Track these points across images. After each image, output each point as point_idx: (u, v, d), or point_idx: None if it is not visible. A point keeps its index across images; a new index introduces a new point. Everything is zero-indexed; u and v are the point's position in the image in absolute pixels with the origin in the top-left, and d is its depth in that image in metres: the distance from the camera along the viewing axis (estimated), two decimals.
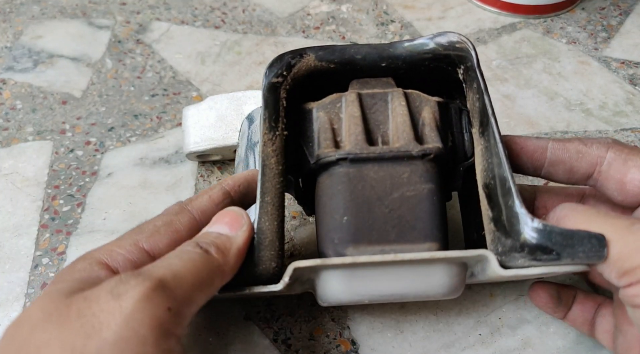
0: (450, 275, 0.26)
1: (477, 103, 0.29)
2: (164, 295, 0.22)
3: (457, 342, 0.32)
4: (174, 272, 0.23)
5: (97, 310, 0.21)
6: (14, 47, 0.51)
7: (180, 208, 0.28)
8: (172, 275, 0.23)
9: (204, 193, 0.29)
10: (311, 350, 0.32)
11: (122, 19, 0.55)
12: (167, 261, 0.24)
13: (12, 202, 0.40)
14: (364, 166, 0.28)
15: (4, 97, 0.47)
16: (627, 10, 0.56)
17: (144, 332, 0.20)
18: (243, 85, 0.48)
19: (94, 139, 0.44)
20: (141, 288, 0.21)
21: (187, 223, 0.27)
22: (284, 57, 0.30)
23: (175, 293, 0.22)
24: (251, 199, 0.30)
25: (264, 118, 0.29)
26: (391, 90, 0.30)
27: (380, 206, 0.27)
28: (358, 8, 0.56)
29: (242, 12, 0.56)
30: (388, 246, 0.26)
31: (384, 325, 0.33)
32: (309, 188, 0.31)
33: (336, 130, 0.29)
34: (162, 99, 0.47)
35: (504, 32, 0.54)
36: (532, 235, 0.24)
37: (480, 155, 0.29)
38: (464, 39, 0.30)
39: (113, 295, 0.21)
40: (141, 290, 0.21)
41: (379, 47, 0.31)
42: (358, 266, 0.26)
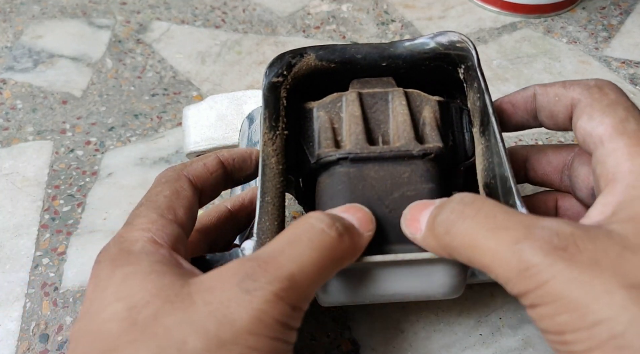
0: (451, 275, 0.26)
1: (477, 102, 0.29)
2: (292, 295, 0.21)
3: (458, 342, 0.32)
4: (302, 267, 0.21)
5: (226, 300, 0.20)
6: (14, 46, 0.51)
7: (177, 174, 0.26)
8: (301, 270, 0.21)
9: (199, 160, 0.28)
10: (312, 350, 0.32)
11: (123, 19, 0.54)
12: (298, 250, 0.22)
13: (13, 202, 0.40)
14: (364, 166, 0.28)
15: (4, 97, 0.47)
16: (627, 10, 0.56)
17: (272, 328, 0.20)
18: (243, 84, 0.48)
19: (94, 139, 0.44)
20: (272, 288, 0.20)
21: (190, 188, 0.26)
22: (284, 56, 0.30)
23: (301, 291, 0.21)
24: (244, 176, 0.29)
25: (264, 117, 0.29)
26: (392, 90, 0.30)
27: (380, 206, 0.27)
28: (358, 7, 0.56)
29: (242, 12, 0.56)
30: (388, 246, 0.26)
31: (385, 325, 0.33)
32: (310, 188, 0.31)
33: (336, 130, 0.29)
34: (163, 99, 0.47)
35: (504, 32, 0.54)
36: None
37: (481, 154, 0.29)
38: (464, 38, 0.30)
39: (242, 289, 0.20)
40: (272, 290, 0.20)
41: (380, 46, 0.31)
42: (358, 267, 0.26)
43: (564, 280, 0.19)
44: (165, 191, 0.25)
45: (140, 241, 0.23)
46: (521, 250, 0.20)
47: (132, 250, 0.22)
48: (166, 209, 0.24)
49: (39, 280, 0.35)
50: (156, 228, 0.23)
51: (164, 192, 0.25)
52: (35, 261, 0.36)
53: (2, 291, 0.35)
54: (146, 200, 0.25)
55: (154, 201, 0.25)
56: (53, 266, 0.36)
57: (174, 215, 0.24)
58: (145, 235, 0.23)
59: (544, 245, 0.19)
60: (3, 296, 0.35)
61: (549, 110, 0.27)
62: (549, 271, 0.19)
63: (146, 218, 0.24)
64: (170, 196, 0.25)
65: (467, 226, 0.22)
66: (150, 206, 0.25)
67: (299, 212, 0.39)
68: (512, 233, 0.20)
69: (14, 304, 0.34)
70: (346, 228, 0.23)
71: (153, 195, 0.25)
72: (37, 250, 0.37)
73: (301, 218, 0.23)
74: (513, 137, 0.44)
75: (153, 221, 0.24)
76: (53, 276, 0.36)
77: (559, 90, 0.27)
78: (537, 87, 0.28)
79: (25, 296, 0.35)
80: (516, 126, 0.30)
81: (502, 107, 0.29)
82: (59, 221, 0.38)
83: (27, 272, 0.36)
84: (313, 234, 0.22)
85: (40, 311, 0.34)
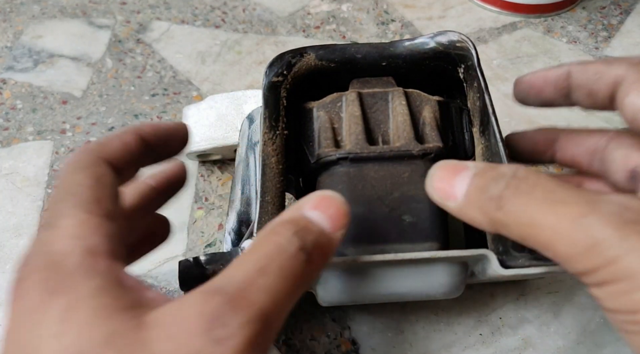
0: (451, 275, 0.26)
1: (477, 102, 0.29)
2: (266, 336, 0.18)
3: (458, 342, 0.32)
4: (275, 300, 0.19)
5: (191, 350, 0.17)
6: (14, 46, 0.51)
7: (94, 158, 0.22)
8: (274, 304, 0.18)
9: (115, 137, 0.23)
10: (312, 350, 0.32)
11: (123, 19, 0.54)
12: (269, 281, 0.19)
13: (13, 202, 0.40)
14: (364, 165, 0.28)
15: (4, 97, 0.47)
16: (627, 10, 0.56)
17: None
18: (243, 84, 0.48)
19: (94, 139, 0.44)
20: (246, 334, 0.17)
21: (111, 173, 0.22)
22: (284, 56, 0.30)
23: (274, 329, 0.19)
24: (169, 151, 0.26)
25: (264, 117, 0.29)
26: (392, 90, 0.30)
27: (380, 205, 0.27)
28: (358, 7, 0.56)
29: (242, 12, 0.56)
30: (388, 246, 0.26)
31: (385, 325, 0.33)
32: (310, 188, 0.31)
33: (336, 130, 0.29)
34: (163, 99, 0.47)
35: (504, 31, 0.54)
36: None
37: (480, 154, 0.29)
38: (464, 38, 0.30)
39: (211, 339, 0.17)
40: (246, 336, 0.17)
41: (380, 46, 0.31)
42: (358, 266, 0.26)
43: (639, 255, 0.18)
44: (85, 180, 0.21)
45: (73, 254, 0.19)
46: (588, 224, 0.18)
47: (64, 267, 0.18)
48: (93, 203, 0.20)
49: None
50: (89, 232, 0.19)
51: (84, 182, 0.21)
52: None
53: (2, 291, 0.35)
54: (65, 194, 0.21)
55: (76, 195, 0.20)
56: None
57: (104, 209, 0.20)
58: (77, 244, 0.19)
59: (614, 218, 0.18)
60: (3, 296, 0.35)
61: (587, 88, 0.26)
62: (622, 246, 0.18)
63: (74, 219, 0.20)
64: (93, 186, 0.21)
65: (523, 202, 0.20)
66: (73, 202, 0.20)
67: None
68: (575, 208, 0.19)
69: None
70: (316, 245, 0.20)
71: (72, 187, 0.21)
72: None
73: (268, 232, 0.20)
74: None
75: (83, 223, 0.20)
76: None
77: (600, 67, 0.25)
78: (573, 65, 0.27)
79: None
80: (543, 102, 0.29)
81: (533, 81, 0.28)
82: None
83: None
84: (283, 260, 0.19)
85: None
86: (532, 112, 0.46)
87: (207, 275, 0.26)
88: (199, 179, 0.41)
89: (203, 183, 0.41)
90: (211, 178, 0.41)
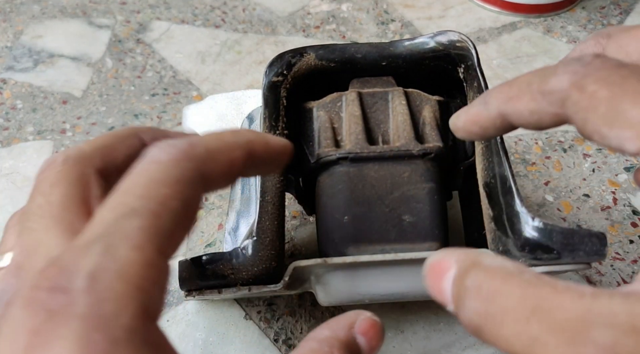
0: None
1: None
2: None
3: (458, 342, 0.32)
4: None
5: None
6: (14, 46, 0.51)
7: (193, 176, 0.16)
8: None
9: (221, 153, 0.18)
10: None
11: (123, 19, 0.54)
12: None
13: (13, 202, 0.40)
14: (364, 165, 0.28)
15: (5, 97, 0.47)
16: (627, 10, 0.56)
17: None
18: (243, 84, 0.48)
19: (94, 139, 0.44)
20: None
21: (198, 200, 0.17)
22: (284, 56, 0.30)
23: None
24: (271, 170, 0.22)
25: (264, 117, 0.29)
26: (391, 89, 0.30)
27: (380, 205, 0.27)
28: (358, 7, 0.56)
29: (242, 12, 0.56)
30: (388, 246, 0.26)
31: (385, 325, 0.33)
32: (310, 188, 0.31)
33: (336, 129, 0.29)
34: (163, 99, 0.47)
35: (504, 31, 0.54)
36: (533, 234, 0.24)
37: (480, 154, 0.29)
38: (464, 38, 0.30)
39: None
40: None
41: (379, 46, 0.31)
42: (358, 266, 0.26)
43: None
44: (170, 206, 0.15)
45: (125, 316, 0.14)
46: None
47: (115, 333, 0.13)
48: (168, 239, 0.15)
49: None
50: (150, 285, 0.14)
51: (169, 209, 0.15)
52: None
53: None
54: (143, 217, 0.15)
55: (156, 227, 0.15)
56: None
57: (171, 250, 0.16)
58: (132, 305, 0.14)
59: None
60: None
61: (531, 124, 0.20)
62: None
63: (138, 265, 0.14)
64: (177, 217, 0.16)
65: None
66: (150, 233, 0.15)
67: (299, 212, 0.39)
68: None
69: None
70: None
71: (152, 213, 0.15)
72: None
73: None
74: (513, 137, 0.44)
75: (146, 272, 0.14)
76: None
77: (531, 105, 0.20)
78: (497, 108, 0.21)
79: None
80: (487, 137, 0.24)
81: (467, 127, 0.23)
82: None
83: None
84: None
85: None
86: None
87: (207, 275, 0.26)
88: None
89: None
90: None
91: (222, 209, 0.39)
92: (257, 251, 0.27)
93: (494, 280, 0.15)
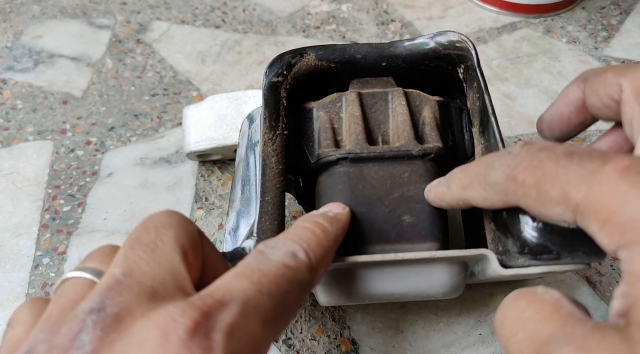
0: (451, 275, 0.26)
1: (477, 102, 0.29)
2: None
3: (458, 341, 0.32)
4: None
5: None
6: (14, 46, 0.51)
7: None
8: None
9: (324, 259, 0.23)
10: (312, 350, 0.32)
11: (123, 19, 0.55)
12: None
13: (13, 202, 0.40)
14: (364, 165, 0.28)
15: (5, 97, 0.47)
16: (627, 10, 0.56)
17: None
18: (243, 84, 0.48)
19: (94, 139, 0.44)
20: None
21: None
22: (284, 56, 0.30)
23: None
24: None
25: (264, 117, 0.29)
26: (391, 90, 0.30)
27: (380, 205, 0.27)
28: (358, 7, 0.56)
29: (242, 12, 0.56)
30: (388, 246, 0.26)
31: (384, 325, 0.33)
32: (310, 188, 0.31)
33: (336, 130, 0.29)
34: (163, 99, 0.47)
35: (504, 32, 0.54)
36: (533, 234, 0.24)
37: (480, 154, 0.29)
38: (464, 38, 0.30)
39: None
40: None
41: (379, 46, 0.31)
42: (358, 266, 0.26)
43: None
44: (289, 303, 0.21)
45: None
46: None
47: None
48: (282, 326, 0.21)
49: (40, 280, 0.35)
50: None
51: (288, 305, 0.20)
52: (35, 261, 0.36)
53: (2, 291, 0.35)
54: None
55: (279, 312, 0.20)
56: (53, 266, 0.36)
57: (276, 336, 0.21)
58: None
59: None
60: (3, 296, 0.35)
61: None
62: None
63: (261, 338, 0.19)
64: (293, 314, 0.21)
65: None
66: (274, 315, 0.20)
67: (299, 212, 0.39)
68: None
69: (15, 304, 0.34)
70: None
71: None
72: (37, 249, 0.37)
73: None
74: (512, 137, 0.44)
75: (265, 348, 0.19)
76: (53, 276, 0.36)
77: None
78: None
79: (26, 296, 0.35)
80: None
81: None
82: (59, 221, 0.38)
83: (28, 272, 0.36)
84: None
85: None
86: (532, 112, 0.46)
87: None
88: (199, 179, 0.41)
89: (203, 183, 0.41)
90: (211, 178, 0.41)
91: (222, 209, 0.39)
92: None
93: None
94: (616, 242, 0.17)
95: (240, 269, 0.20)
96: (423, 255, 0.25)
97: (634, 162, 0.17)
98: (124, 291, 0.18)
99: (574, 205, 0.18)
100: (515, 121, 0.45)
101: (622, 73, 0.23)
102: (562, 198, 0.18)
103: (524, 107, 0.46)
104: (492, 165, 0.21)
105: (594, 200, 0.17)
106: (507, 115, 0.45)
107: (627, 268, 0.16)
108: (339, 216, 0.25)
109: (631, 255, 0.16)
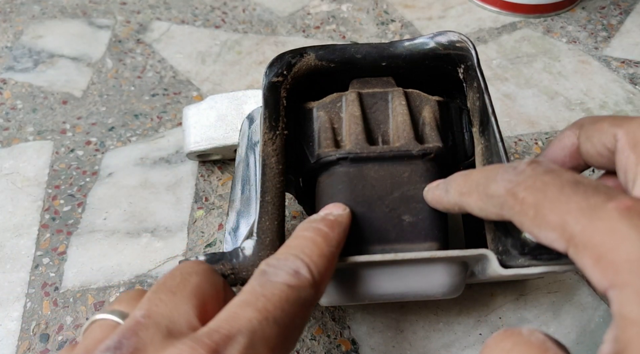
0: (451, 275, 0.26)
1: (477, 102, 0.29)
2: None
3: (457, 341, 0.32)
4: None
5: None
6: (14, 46, 0.51)
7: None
8: None
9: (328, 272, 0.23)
10: (312, 350, 0.32)
11: (123, 19, 0.55)
12: None
13: (13, 202, 0.40)
14: (364, 165, 0.28)
15: (5, 97, 0.47)
16: (627, 10, 0.56)
17: None
18: (243, 84, 0.48)
19: (94, 139, 0.44)
20: None
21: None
22: (284, 56, 0.30)
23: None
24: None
25: (264, 117, 0.29)
26: (391, 90, 0.30)
27: (380, 205, 0.27)
28: (358, 7, 0.56)
29: (242, 12, 0.56)
30: (388, 246, 0.26)
31: (384, 325, 0.33)
32: (310, 188, 0.31)
33: (336, 130, 0.29)
34: (163, 99, 0.47)
35: (504, 32, 0.54)
36: None
37: (480, 154, 0.29)
38: (464, 38, 0.30)
39: None
40: None
41: (379, 46, 0.31)
42: (358, 266, 0.26)
43: None
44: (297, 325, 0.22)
45: None
46: None
47: None
48: (287, 351, 0.21)
49: (40, 280, 0.35)
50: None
51: (296, 327, 0.21)
52: (35, 261, 0.36)
53: (2, 291, 0.35)
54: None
55: (285, 337, 0.21)
56: (53, 266, 0.36)
57: None
58: None
59: None
60: (3, 296, 0.35)
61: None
62: None
63: None
64: (298, 334, 0.22)
65: None
66: (281, 342, 0.20)
67: (299, 212, 0.39)
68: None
69: (15, 304, 0.34)
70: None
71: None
72: (37, 249, 0.37)
73: None
74: (512, 137, 0.44)
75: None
76: (53, 276, 0.36)
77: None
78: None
79: (26, 295, 0.35)
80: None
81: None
82: (59, 221, 0.38)
83: (28, 272, 0.36)
84: None
85: (41, 311, 0.34)
86: (532, 112, 0.46)
87: None
88: (199, 179, 0.41)
89: (203, 183, 0.41)
90: (211, 178, 0.41)
91: (222, 209, 0.39)
92: (257, 251, 0.27)
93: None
94: (608, 281, 0.17)
95: (245, 296, 0.21)
96: (423, 255, 0.25)
97: (636, 203, 0.17)
98: (141, 331, 0.19)
99: (569, 235, 0.18)
100: (515, 121, 0.45)
101: (617, 124, 0.23)
102: (559, 225, 0.18)
103: (524, 107, 0.46)
104: (494, 178, 0.22)
105: (592, 235, 0.17)
106: (507, 115, 0.45)
107: (617, 311, 0.16)
108: (339, 219, 0.25)
109: (622, 296, 0.16)
